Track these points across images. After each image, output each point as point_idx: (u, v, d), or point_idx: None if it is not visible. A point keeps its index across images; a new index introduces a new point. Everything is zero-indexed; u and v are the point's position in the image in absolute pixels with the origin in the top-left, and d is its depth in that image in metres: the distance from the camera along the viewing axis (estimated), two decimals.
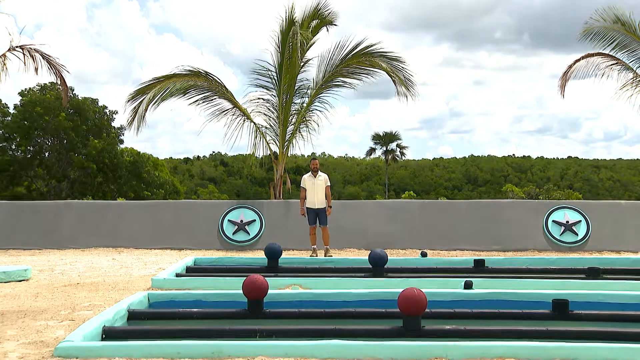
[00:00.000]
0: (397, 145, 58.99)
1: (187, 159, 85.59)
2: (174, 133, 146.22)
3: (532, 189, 48.12)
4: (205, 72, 14.85)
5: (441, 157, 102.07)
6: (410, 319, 4.88)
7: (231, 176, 76.63)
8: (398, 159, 60.13)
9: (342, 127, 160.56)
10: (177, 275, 7.99)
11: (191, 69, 14.77)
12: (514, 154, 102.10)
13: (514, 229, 12.51)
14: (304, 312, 5.50)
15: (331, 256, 10.62)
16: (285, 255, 9.56)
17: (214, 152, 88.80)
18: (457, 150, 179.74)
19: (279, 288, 7.01)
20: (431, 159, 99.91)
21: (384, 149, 58.78)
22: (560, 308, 5.44)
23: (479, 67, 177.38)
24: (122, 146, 38.27)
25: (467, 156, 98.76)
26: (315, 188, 11.01)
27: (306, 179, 11.21)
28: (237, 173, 76.92)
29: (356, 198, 53.16)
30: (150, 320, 5.51)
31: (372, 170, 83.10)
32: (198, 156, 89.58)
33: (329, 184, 11.22)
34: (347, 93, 16.70)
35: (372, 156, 62.65)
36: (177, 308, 5.77)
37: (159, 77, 14.68)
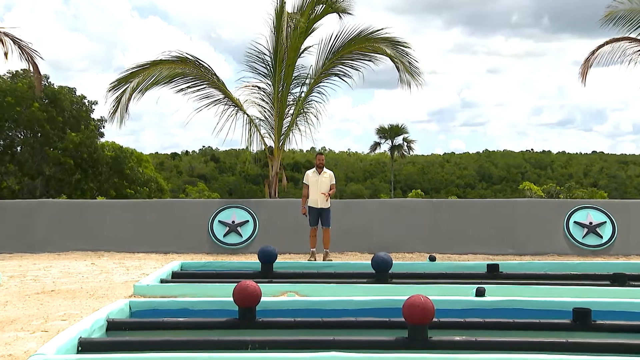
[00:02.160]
0: (404, 140, 59.03)
1: (174, 154, 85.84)
2: (160, 125, 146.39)
3: (552, 187, 48.16)
4: (194, 58, 14.88)
5: (452, 152, 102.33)
6: (416, 329, 4.88)
7: (223, 173, 76.72)
8: (405, 154, 60.17)
9: (344, 120, 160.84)
10: (162, 281, 8.01)
11: (179, 54, 14.79)
12: (532, 149, 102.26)
13: (531, 231, 12.52)
14: (300, 322, 5.50)
15: (331, 260, 10.63)
16: (280, 259, 9.57)
17: (204, 146, 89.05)
18: (469, 144, 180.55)
19: (273, 295, 7.02)
20: (441, 154, 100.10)
21: (390, 143, 58.81)
22: (582, 317, 5.44)
23: (493, 54, 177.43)
24: (102, 140, 38.26)
25: (480, 151, 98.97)
26: (319, 186, 11.01)
27: (310, 176, 11.22)
28: (229, 169, 77.01)
29: (359, 197, 53.20)
30: (131, 331, 5.51)
31: (377, 167, 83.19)
32: (187, 151, 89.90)
33: (334, 181, 11.23)
34: (350, 82, 16.87)
35: (376, 151, 62.72)
36: (162, 317, 5.76)
37: (144, 64, 14.70)
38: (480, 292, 6.62)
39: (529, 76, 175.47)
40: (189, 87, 15.03)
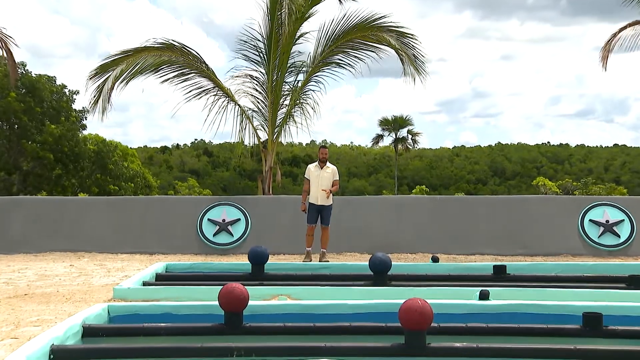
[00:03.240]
0: (408, 132, 58.87)
1: (164, 148, 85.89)
2: (149, 117, 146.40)
3: (567, 183, 48.12)
4: (182, 45, 14.91)
5: (462, 146, 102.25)
6: (413, 335, 4.88)
7: (217, 168, 76.75)
8: (410, 147, 60.05)
9: (346, 111, 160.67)
10: (145, 283, 8.02)
11: (165, 41, 14.81)
12: (548, 142, 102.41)
13: (543, 230, 12.54)
14: (290, 327, 5.52)
15: (327, 261, 10.65)
16: (274, 260, 9.61)
17: (196, 139, 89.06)
18: (481, 137, 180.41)
19: (263, 299, 7.04)
20: (451, 148, 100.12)
21: (394, 136, 58.66)
22: (593, 323, 5.44)
23: (507, 39, 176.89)
24: (85, 132, 38.22)
25: (493, 144, 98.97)
26: (321, 181, 11.03)
27: (311, 170, 11.25)
28: (223, 164, 77.05)
29: (363, 194, 53.15)
30: (109, 337, 5.52)
31: (382, 161, 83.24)
32: (178, 144, 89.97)
33: (337, 177, 11.25)
34: (353, 71, 16.86)
35: (380, 144, 62.64)
36: (142, 323, 5.78)
37: (128, 51, 14.75)
38: (484, 296, 6.65)
39: (546, 63, 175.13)
40: (176, 76, 15.10)
